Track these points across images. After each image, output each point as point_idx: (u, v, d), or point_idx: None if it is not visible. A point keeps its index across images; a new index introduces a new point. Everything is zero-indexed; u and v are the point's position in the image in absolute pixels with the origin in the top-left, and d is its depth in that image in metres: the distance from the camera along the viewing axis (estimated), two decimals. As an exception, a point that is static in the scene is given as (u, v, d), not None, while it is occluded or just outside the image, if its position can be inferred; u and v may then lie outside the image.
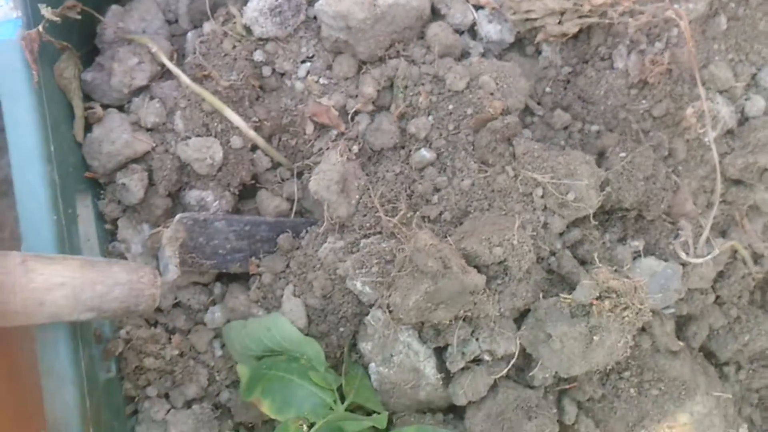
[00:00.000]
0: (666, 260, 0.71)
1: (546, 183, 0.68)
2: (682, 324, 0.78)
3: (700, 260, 0.70)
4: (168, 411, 0.76)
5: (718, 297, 0.79)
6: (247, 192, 0.81)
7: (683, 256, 0.70)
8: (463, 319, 0.67)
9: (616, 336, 0.64)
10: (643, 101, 0.74)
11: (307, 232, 0.77)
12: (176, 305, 0.79)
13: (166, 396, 0.77)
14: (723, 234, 0.79)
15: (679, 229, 0.72)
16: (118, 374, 0.76)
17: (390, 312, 0.66)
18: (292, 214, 0.80)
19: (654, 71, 0.71)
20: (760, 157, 0.74)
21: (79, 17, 0.73)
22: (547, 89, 0.77)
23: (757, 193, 0.78)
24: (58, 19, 0.67)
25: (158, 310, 0.78)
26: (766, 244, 0.80)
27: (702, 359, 0.78)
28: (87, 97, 0.77)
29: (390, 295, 0.65)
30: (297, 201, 0.80)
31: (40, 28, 0.67)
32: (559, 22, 0.72)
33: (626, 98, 0.74)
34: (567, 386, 0.72)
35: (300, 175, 0.80)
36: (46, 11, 0.67)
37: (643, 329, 0.72)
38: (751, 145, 0.75)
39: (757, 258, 0.80)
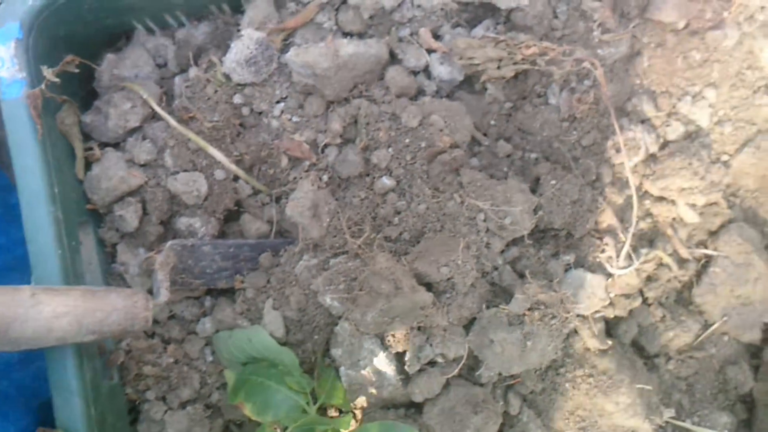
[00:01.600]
0: (593, 272, 0.82)
1: (487, 209, 0.79)
2: (614, 324, 0.89)
3: (622, 271, 0.81)
4: (165, 412, 0.86)
5: (646, 299, 0.90)
6: (231, 215, 0.91)
7: (608, 268, 0.81)
8: (418, 329, 0.78)
9: (546, 341, 0.75)
10: (574, 132, 0.85)
11: (285, 251, 0.87)
12: (171, 317, 0.90)
13: (164, 398, 0.87)
14: (651, 243, 0.90)
15: (604, 244, 0.83)
16: (120, 381, 0.86)
17: (354, 324, 0.77)
18: (272, 235, 0.91)
19: (581, 108, 0.82)
20: (676, 179, 0.85)
21: (77, 70, 0.83)
22: (492, 122, 0.88)
23: (679, 207, 0.89)
24: (58, 80, 0.77)
25: (155, 322, 0.88)
26: (691, 250, 0.91)
27: (632, 353, 0.89)
28: (87, 136, 0.87)
29: (352, 311, 0.76)
30: (276, 223, 0.90)
31: (43, 86, 0.77)
32: (498, 67, 0.82)
33: (559, 130, 0.85)
34: (512, 382, 0.83)
35: (278, 200, 0.90)
36: (47, 72, 0.76)
37: (575, 332, 0.83)
38: (669, 167, 0.86)
39: (682, 262, 0.91)
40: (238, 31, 0.86)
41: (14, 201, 0.89)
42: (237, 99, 0.86)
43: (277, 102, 0.87)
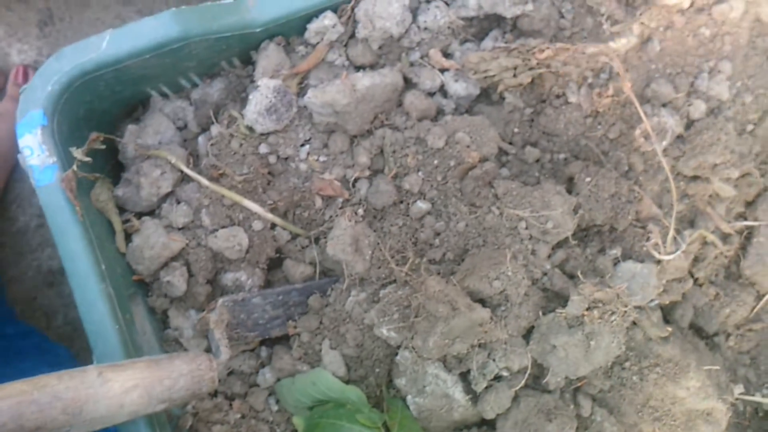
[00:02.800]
0: (642, 261, 0.82)
1: (527, 216, 0.79)
2: (669, 309, 0.89)
3: (670, 256, 0.81)
4: (241, 467, 0.87)
5: (696, 279, 0.89)
6: (274, 263, 0.92)
7: (656, 255, 0.81)
8: (479, 346, 0.78)
9: (609, 338, 0.75)
10: (599, 127, 0.85)
11: (332, 290, 0.88)
12: (231, 373, 0.90)
13: (237, 454, 0.88)
14: (692, 224, 0.90)
15: (648, 232, 0.83)
16: (193, 444, 0.87)
17: (415, 351, 0.77)
18: (317, 276, 0.91)
19: (602, 102, 0.82)
20: (707, 156, 0.85)
21: (103, 146, 0.84)
22: (516, 129, 0.88)
23: (714, 183, 0.88)
24: (89, 159, 0.78)
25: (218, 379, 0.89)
26: (731, 224, 0.90)
27: (692, 336, 0.89)
28: (121, 209, 0.88)
29: (412, 338, 0.76)
30: (319, 264, 0.90)
31: (75, 167, 0.78)
32: (514, 75, 0.83)
33: (584, 127, 0.85)
34: (578, 384, 0.83)
35: (317, 240, 0.91)
36: (77, 153, 0.78)
37: (633, 324, 0.82)
38: (698, 146, 0.86)
39: (725, 238, 0.90)
40: (253, 82, 0.87)
41: None
42: (263, 149, 0.87)
43: (302, 145, 0.88)
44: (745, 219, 0.91)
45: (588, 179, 0.82)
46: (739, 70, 0.89)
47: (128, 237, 0.86)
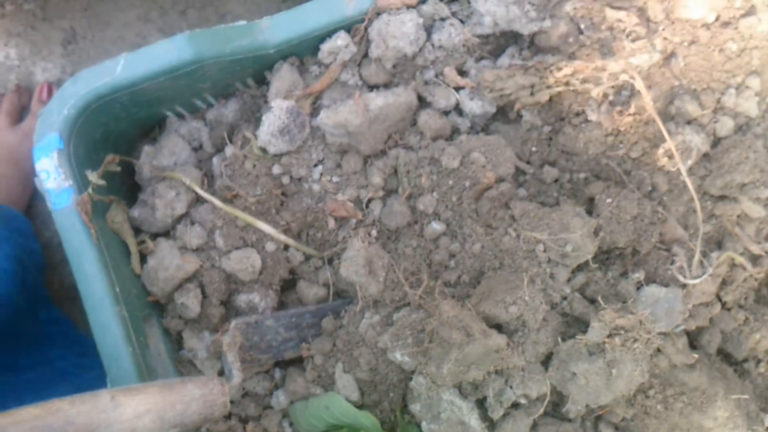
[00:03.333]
0: (667, 285, 0.79)
1: (545, 239, 0.77)
2: (696, 335, 0.85)
3: (697, 280, 0.78)
4: (255, 491, 0.86)
5: (724, 303, 0.86)
6: (287, 285, 0.91)
7: (681, 279, 0.78)
8: (495, 372, 0.76)
9: (632, 366, 0.72)
10: (621, 146, 0.82)
11: (346, 312, 0.87)
12: (245, 395, 0.89)
13: (251, 477, 0.87)
14: (719, 245, 0.86)
15: (673, 255, 0.80)
16: (207, 468, 0.86)
17: (429, 378, 0.75)
18: (331, 298, 0.90)
19: (624, 120, 0.80)
20: (735, 175, 0.82)
21: (119, 168, 0.84)
22: (533, 148, 0.86)
23: (742, 203, 0.85)
24: (104, 182, 0.79)
25: (230, 402, 0.88)
26: (761, 245, 0.87)
27: (720, 363, 0.85)
28: (136, 230, 0.88)
29: (426, 364, 0.74)
30: (332, 285, 0.89)
31: (90, 191, 0.78)
32: (531, 94, 0.81)
33: (605, 146, 0.82)
34: (600, 412, 0.80)
35: (330, 261, 0.89)
36: (92, 176, 0.78)
37: (658, 351, 0.79)
38: (726, 165, 0.83)
39: (755, 259, 0.87)
40: (266, 102, 0.87)
41: None
42: (276, 170, 0.86)
43: (315, 165, 0.87)
44: (777, 240, 0.87)
45: (609, 200, 0.79)
46: (769, 86, 0.86)
47: (143, 258, 0.86)
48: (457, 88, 0.86)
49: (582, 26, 0.82)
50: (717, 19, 0.83)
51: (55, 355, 0.98)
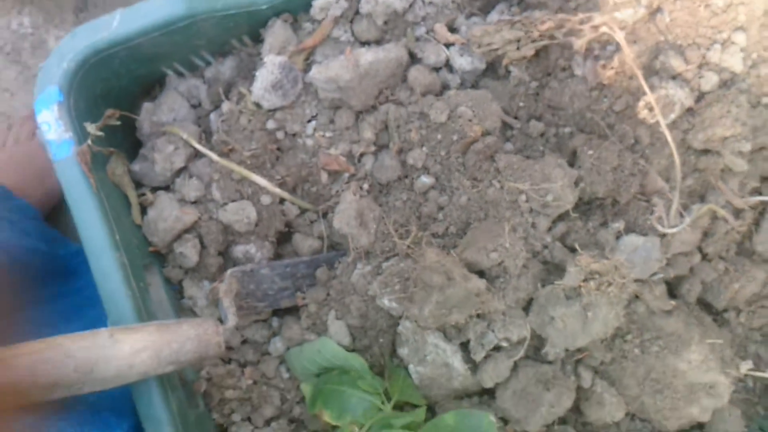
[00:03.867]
0: (645, 235, 0.82)
1: (527, 189, 0.79)
2: (676, 284, 0.88)
3: (674, 229, 0.81)
4: (252, 431, 0.90)
5: (705, 254, 0.88)
6: (283, 237, 0.95)
7: (659, 228, 0.81)
8: (477, 317, 0.80)
9: (607, 309, 0.75)
10: (604, 100, 0.84)
11: (339, 263, 0.90)
12: (244, 342, 0.94)
13: (249, 419, 0.91)
14: (702, 198, 0.88)
15: (653, 206, 0.82)
16: (206, 408, 0.90)
17: (414, 321, 0.79)
18: (325, 250, 0.93)
19: (607, 74, 0.81)
20: (717, 129, 0.83)
21: (119, 123, 0.88)
22: (521, 103, 0.88)
23: (725, 157, 0.87)
24: (102, 134, 0.82)
25: (230, 348, 0.92)
26: (744, 199, 0.89)
27: (699, 311, 0.88)
28: (138, 183, 0.92)
29: (410, 307, 0.77)
30: (326, 237, 0.93)
31: (89, 142, 0.81)
32: (518, 48, 0.83)
33: (589, 100, 0.84)
34: (580, 356, 0.83)
35: (325, 215, 0.93)
36: (90, 128, 0.81)
37: (636, 298, 0.82)
38: (708, 119, 0.84)
39: (738, 213, 0.89)
40: (261, 59, 0.89)
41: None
42: (270, 124, 0.89)
43: (309, 121, 0.90)
44: (760, 194, 0.89)
45: (590, 152, 0.81)
46: (754, 42, 0.87)
47: (144, 210, 0.90)
48: (448, 45, 0.88)
49: (569, -18, 0.84)
50: (702, -26, 0.84)
51: (81, 284, 1.01)
